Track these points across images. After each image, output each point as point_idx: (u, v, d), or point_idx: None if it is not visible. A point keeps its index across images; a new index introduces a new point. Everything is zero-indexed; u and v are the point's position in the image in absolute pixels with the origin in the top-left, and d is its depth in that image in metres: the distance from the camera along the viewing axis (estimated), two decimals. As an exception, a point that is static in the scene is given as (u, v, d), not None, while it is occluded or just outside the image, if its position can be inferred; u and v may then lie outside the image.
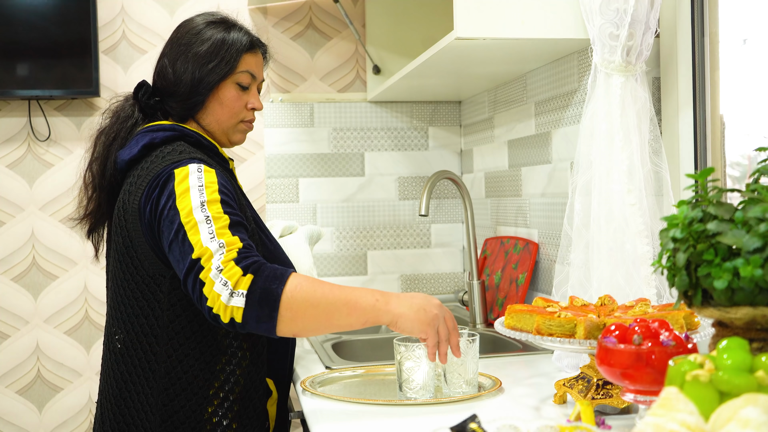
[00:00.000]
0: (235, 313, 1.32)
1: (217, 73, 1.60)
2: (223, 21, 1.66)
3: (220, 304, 1.33)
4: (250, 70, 1.66)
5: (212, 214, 1.41)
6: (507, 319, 1.37)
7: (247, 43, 1.65)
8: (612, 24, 1.55)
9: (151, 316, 1.50)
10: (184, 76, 1.60)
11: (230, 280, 1.33)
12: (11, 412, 2.63)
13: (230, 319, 1.33)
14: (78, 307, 2.66)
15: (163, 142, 1.56)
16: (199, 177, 1.46)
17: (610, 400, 1.28)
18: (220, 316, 1.33)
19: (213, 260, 1.35)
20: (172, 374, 1.49)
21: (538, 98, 2.16)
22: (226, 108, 1.63)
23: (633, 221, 1.53)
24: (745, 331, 1.00)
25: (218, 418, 1.50)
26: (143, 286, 1.51)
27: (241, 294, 1.32)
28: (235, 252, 1.36)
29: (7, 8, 2.50)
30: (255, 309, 1.32)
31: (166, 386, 1.49)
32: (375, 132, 2.82)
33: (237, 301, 1.32)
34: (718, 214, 1.00)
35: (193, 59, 1.60)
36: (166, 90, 1.63)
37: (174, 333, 1.49)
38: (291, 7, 2.78)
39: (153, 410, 1.49)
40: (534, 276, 2.18)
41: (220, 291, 1.33)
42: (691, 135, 1.67)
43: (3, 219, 2.62)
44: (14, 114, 2.63)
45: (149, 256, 1.50)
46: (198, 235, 1.38)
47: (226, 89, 1.63)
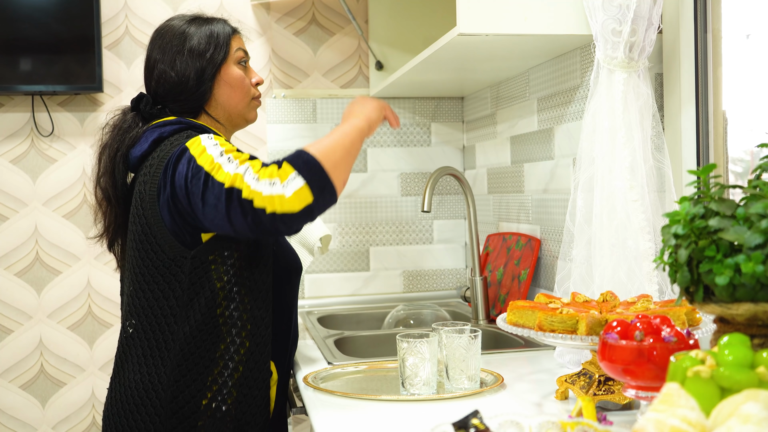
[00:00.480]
0: (301, 193, 1.38)
1: (216, 59, 1.67)
2: (198, 17, 1.73)
3: (282, 200, 1.37)
4: (242, 47, 1.73)
5: (232, 155, 1.46)
6: (509, 316, 1.37)
7: (229, 26, 1.73)
8: (615, 20, 1.55)
9: (171, 297, 1.53)
10: (188, 72, 1.64)
11: (272, 177, 1.39)
12: (15, 406, 2.64)
13: (303, 205, 1.38)
14: (81, 302, 2.67)
15: (171, 134, 1.59)
16: (210, 138, 1.51)
17: (611, 396, 1.28)
18: (288, 211, 1.37)
19: (245, 179, 1.40)
20: (185, 350, 1.51)
21: (541, 94, 2.16)
22: (237, 88, 1.69)
23: (635, 217, 1.53)
24: (747, 327, 1.01)
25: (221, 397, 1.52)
26: (163, 269, 1.54)
27: (293, 176, 1.39)
28: (259, 164, 1.43)
29: (10, 4, 2.50)
30: (315, 179, 1.40)
31: (179, 362, 1.51)
32: (378, 128, 2.81)
33: (295, 184, 1.38)
34: (720, 210, 1.00)
35: (190, 54, 1.65)
36: (171, 93, 1.66)
37: (192, 311, 1.51)
38: (294, 3, 2.78)
39: (164, 387, 1.51)
40: (536, 272, 2.18)
41: (272, 191, 1.38)
42: (693, 131, 1.66)
43: (6, 214, 2.63)
44: (18, 109, 2.63)
45: (168, 240, 1.53)
46: (223, 171, 1.43)
47: (230, 70, 1.69)
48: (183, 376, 1.51)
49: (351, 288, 2.79)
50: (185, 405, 1.50)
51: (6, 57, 2.52)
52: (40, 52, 2.54)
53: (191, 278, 1.51)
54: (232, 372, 1.53)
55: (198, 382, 1.51)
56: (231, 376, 1.53)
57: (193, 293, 1.52)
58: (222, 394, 1.52)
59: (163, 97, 1.67)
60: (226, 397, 1.52)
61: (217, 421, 1.51)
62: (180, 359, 1.51)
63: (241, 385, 1.54)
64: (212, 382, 1.52)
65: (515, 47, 1.90)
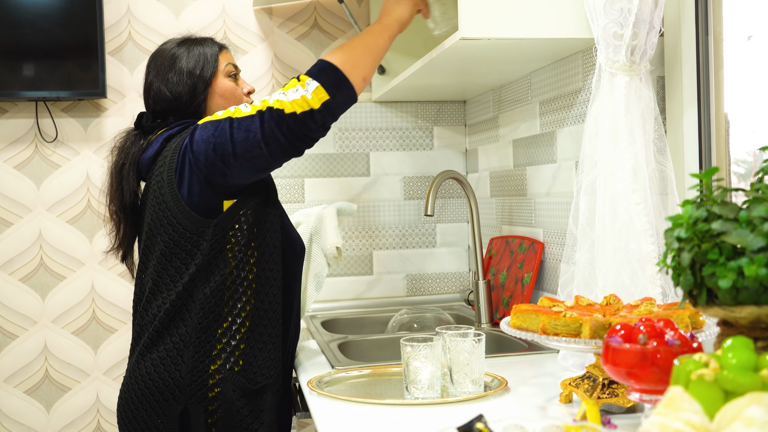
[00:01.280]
0: (319, 92, 1.60)
1: (206, 74, 1.81)
2: (187, 39, 1.87)
3: (304, 100, 1.59)
4: (231, 62, 1.87)
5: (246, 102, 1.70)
6: (512, 319, 1.37)
7: (218, 46, 1.87)
8: (616, 23, 1.55)
9: (192, 264, 1.66)
10: (180, 87, 1.79)
11: (294, 86, 1.62)
12: (19, 412, 2.64)
13: (321, 102, 1.60)
14: (85, 307, 2.68)
15: (180, 131, 1.74)
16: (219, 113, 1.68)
17: (615, 399, 1.28)
18: (309, 108, 1.59)
19: (272, 97, 1.62)
20: (205, 309, 1.65)
21: (543, 97, 2.16)
22: (229, 98, 1.83)
23: (638, 220, 1.53)
24: (750, 330, 1.01)
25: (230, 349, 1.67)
26: (185, 244, 1.67)
27: (309, 81, 1.61)
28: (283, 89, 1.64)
29: (13, 10, 2.51)
30: (327, 78, 1.62)
31: (200, 321, 1.65)
32: (380, 132, 2.82)
33: (311, 86, 1.60)
34: (723, 213, 1.00)
35: (181, 72, 1.80)
36: (167, 109, 1.80)
37: (211, 274, 1.66)
38: (296, 8, 2.79)
39: (187, 346, 1.65)
40: (539, 275, 2.18)
41: (297, 95, 1.60)
42: (695, 134, 1.67)
43: (11, 220, 2.64)
44: (21, 115, 2.64)
45: (189, 216, 1.66)
46: (242, 111, 1.63)
47: (221, 83, 1.83)
48: (203, 333, 1.65)
49: (354, 292, 2.79)
50: (204, 360, 1.65)
51: (9, 63, 2.53)
52: (44, 58, 2.55)
53: (212, 245, 1.66)
54: (240, 327, 1.66)
55: (213, 338, 1.65)
56: (238, 330, 1.66)
57: (212, 258, 1.66)
58: (231, 347, 1.66)
59: (162, 113, 1.81)
60: (234, 350, 1.66)
61: (228, 372, 1.64)
62: (201, 317, 1.65)
63: (248, 339, 1.67)
64: (221, 336, 1.66)
65: (517, 51, 1.91)
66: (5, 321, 2.63)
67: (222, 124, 1.61)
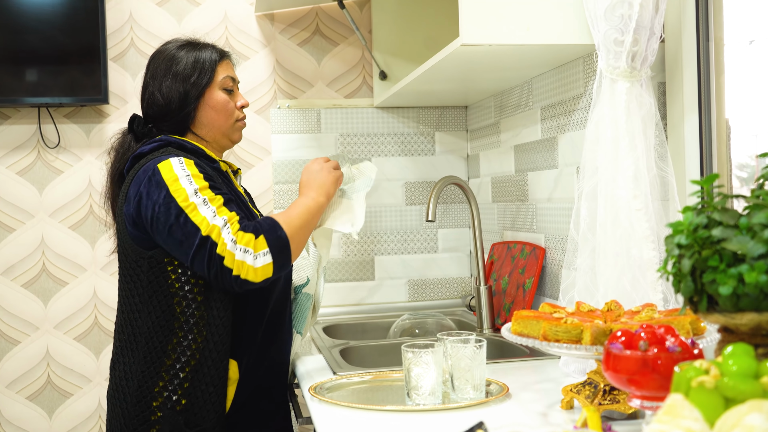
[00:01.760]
0: (266, 270, 1.56)
1: (200, 84, 1.77)
2: (189, 43, 1.84)
3: (249, 269, 1.55)
4: (229, 74, 1.83)
5: (207, 197, 1.60)
6: (514, 325, 1.37)
7: (217, 53, 1.83)
8: (617, 30, 1.56)
9: (137, 294, 1.67)
10: (172, 94, 1.77)
11: (248, 246, 1.56)
12: (22, 417, 2.64)
13: (264, 278, 1.57)
14: (87, 313, 2.68)
15: (150, 151, 1.71)
16: (182, 168, 1.63)
17: (617, 405, 1.28)
18: (250, 279, 1.55)
19: (223, 235, 1.56)
20: (149, 344, 1.64)
21: (544, 103, 2.17)
22: (220, 112, 1.80)
23: (639, 226, 1.53)
24: (751, 336, 1.01)
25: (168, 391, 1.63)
26: (130, 270, 1.69)
27: (265, 253, 1.57)
28: (237, 224, 1.58)
29: (17, 17, 2.52)
30: (280, 257, 1.59)
31: (144, 355, 1.64)
32: (382, 137, 2.83)
33: (264, 260, 1.56)
34: (723, 220, 1.00)
35: (175, 78, 1.77)
36: (159, 114, 1.79)
37: (152, 307, 1.65)
38: (298, 14, 2.79)
39: (132, 379, 1.65)
40: (541, 281, 2.18)
41: (244, 258, 1.55)
42: (696, 139, 1.67)
43: (13, 226, 2.64)
44: (24, 121, 2.65)
45: (130, 243, 1.68)
46: (201, 216, 1.58)
47: (215, 95, 1.79)
48: (147, 367, 1.64)
49: (356, 297, 2.80)
50: (147, 395, 1.63)
51: (13, 69, 2.54)
52: (47, 64, 2.55)
53: (149, 277, 1.65)
54: (184, 366, 1.63)
55: (158, 373, 1.63)
56: (182, 369, 1.63)
57: (151, 291, 1.65)
58: (174, 385, 1.62)
59: (153, 117, 1.80)
60: (177, 388, 1.62)
61: (168, 411, 1.62)
62: (145, 352, 1.64)
63: (193, 379, 1.63)
64: (165, 373, 1.63)
65: (518, 57, 1.91)
66: (7, 327, 2.63)
67: (172, 207, 1.58)
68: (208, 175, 1.65)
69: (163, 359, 1.63)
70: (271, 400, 1.82)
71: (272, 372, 1.81)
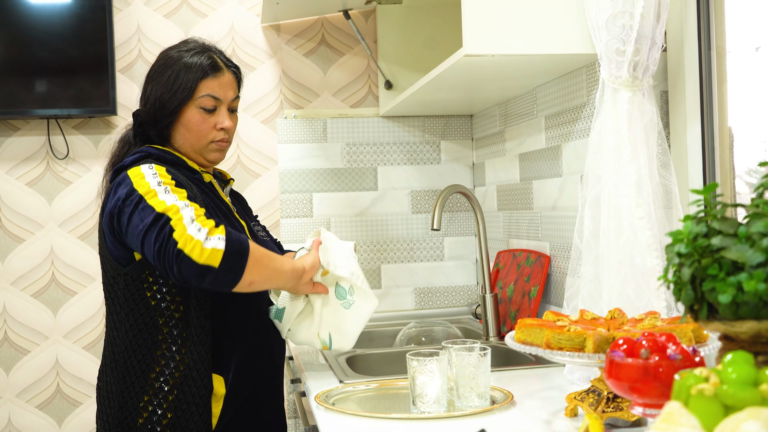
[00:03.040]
0: (214, 255, 1.44)
1: (176, 99, 1.70)
2: (189, 48, 1.75)
3: (195, 245, 1.44)
4: (212, 93, 1.72)
5: (170, 187, 1.55)
6: (517, 334, 1.38)
7: (207, 67, 1.72)
8: (618, 40, 1.57)
9: (115, 312, 1.66)
10: (152, 101, 1.72)
11: (205, 227, 1.46)
12: (31, 427, 2.66)
13: (205, 262, 1.44)
14: (96, 322, 2.70)
15: (132, 164, 1.67)
16: (150, 168, 1.60)
17: (620, 413, 1.29)
18: (193, 257, 1.43)
19: (183, 212, 1.48)
20: (128, 361, 1.63)
21: (548, 112, 2.18)
22: (192, 131, 1.72)
23: (642, 234, 1.54)
24: (751, 344, 1.01)
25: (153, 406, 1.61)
26: (108, 286, 1.68)
27: (219, 238, 1.46)
28: (202, 210, 1.52)
29: (25, 30, 2.55)
30: (232, 255, 1.47)
31: (123, 372, 1.63)
32: (388, 146, 2.84)
33: (216, 243, 1.45)
34: (722, 229, 1.01)
35: (158, 85, 1.72)
36: (144, 116, 1.76)
37: (129, 326, 1.63)
38: (303, 24, 2.82)
39: (113, 396, 1.64)
40: (546, 289, 2.19)
41: (195, 235, 1.45)
42: (699, 148, 1.68)
43: (23, 236, 2.67)
44: (33, 133, 2.68)
45: (108, 259, 1.66)
46: (158, 198, 1.51)
47: (189, 114, 1.72)
48: (127, 388, 1.62)
49: (363, 305, 2.80)
50: (129, 416, 1.62)
51: (22, 81, 2.57)
52: (55, 76, 2.58)
53: (125, 294, 1.63)
54: (168, 393, 1.60)
55: (139, 392, 1.61)
56: (168, 394, 1.60)
57: (128, 309, 1.63)
58: (156, 404, 1.60)
59: (141, 118, 1.77)
60: (161, 405, 1.60)
61: (153, 424, 1.60)
62: (124, 369, 1.63)
63: (176, 398, 1.60)
64: (148, 391, 1.61)
65: (521, 67, 1.92)
66: (17, 336, 2.66)
67: (134, 196, 1.54)
68: (180, 181, 1.60)
69: (147, 374, 1.61)
70: (263, 416, 1.77)
71: (263, 388, 1.76)
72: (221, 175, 1.91)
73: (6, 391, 2.65)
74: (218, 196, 1.76)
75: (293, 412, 2.70)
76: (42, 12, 2.56)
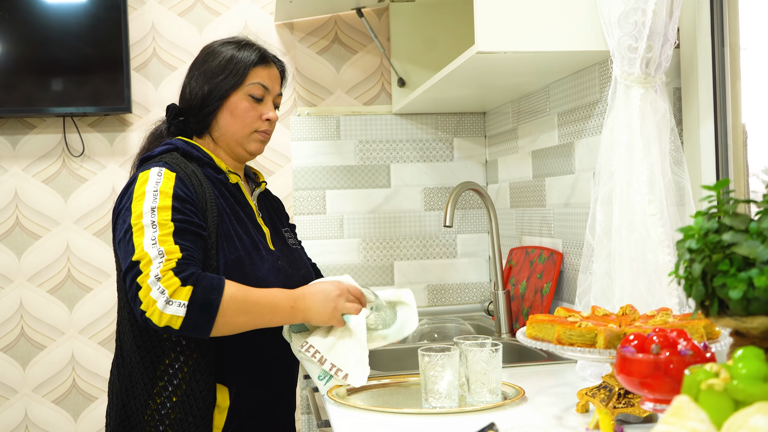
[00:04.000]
0: (173, 321, 1.43)
1: (227, 84, 1.70)
2: (237, 41, 1.76)
3: (155, 310, 1.43)
4: (262, 82, 1.72)
5: (159, 221, 1.51)
6: (528, 329, 1.39)
7: (256, 57, 1.73)
8: (630, 37, 1.57)
9: (123, 308, 1.65)
10: (197, 91, 1.71)
11: (168, 289, 1.44)
12: (48, 421, 2.69)
13: (165, 325, 1.44)
14: (111, 318, 2.72)
15: (160, 154, 1.66)
16: (157, 181, 1.56)
17: (632, 409, 1.29)
18: (153, 321, 1.44)
19: (152, 267, 1.46)
20: (132, 362, 1.61)
21: (561, 109, 2.18)
22: (238, 118, 1.71)
23: (654, 231, 1.54)
24: (762, 340, 1.02)
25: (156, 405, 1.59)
26: (120, 282, 1.66)
27: (180, 304, 1.44)
28: (173, 262, 1.47)
29: (42, 29, 2.58)
30: (194, 318, 1.44)
31: (129, 372, 1.62)
32: (400, 144, 2.85)
33: (176, 311, 1.43)
34: (733, 225, 1.01)
35: (205, 74, 1.71)
36: (185, 108, 1.74)
37: (132, 324, 1.61)
38: (317, 23, 2.83)
39: (117, 394, 1.64)
40: (558, 285, 2.19)
41: (156, 298, 1.44)
42: (712, 145, 1.67)
43: (39, 233, 2.69)
44: (50, 131, 2.70)
45: (117, 254, 1.62)
46: (141, 239, 1.49)
47: (237, 100, 1.71)
48: (131, 387, 1.61)
49: (376, 302, 2.81)
50: (131, 416, 1.61)
51: (39, 79, 2.59)
52: (71, 75, 2.61)
53: None
54: (171, 394, 1.58)
55: (142, 397, 1.60)
56: (170, 398, 1.58)
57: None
58: (160, 414, 1.58)
59: (181, 111, 1.76)
60: (164, 417, 1.58)
61: None
62: (129, 370, 1.62)
63: (180, 408, 1.58)
64: (152, 401, 1.59)
65: (533, 64, 1.92)
66: (34, 332, 2.69)
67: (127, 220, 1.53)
68: (184, 196, 1.56)
69: (152, 372, 1.58)
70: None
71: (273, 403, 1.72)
72: (255, 176, 1.88)
73: (23, 386, 2.68)
74: (242, 199, 1.73)
75: (306, 408, 2.71)
76: (58, 11, 2.58)
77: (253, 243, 1.68)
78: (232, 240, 1.64)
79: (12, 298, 2.67)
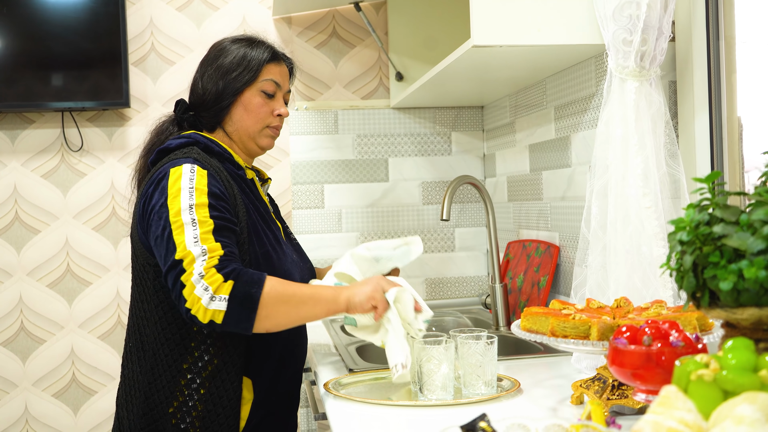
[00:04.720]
0: (216, 315, 1.45)
1: (240, 81, 1.73)
2: (248, 38, 1.79)
3: (200, 307, 1.45)
4: (274, 78, 1.77)
5: (198, 218, 1.52)
6: (523, 322, 1.40)
7: (269, 55, 1.77)
8: (625, 30, 1.57)
9: (145, 301, 1.64)
10: (211, 87, 1.73)
11: (211, 285, 1.45)
12: (48, 414, 2.71)
13: (210, 320, 1.45)
14: (111, 312, 2.73)
15: (177, 147, 1.67)
16: (191, 178, 1.57)
17: (625, 400, 1.30)
18: (198, 317, 1.45)
19: (195, 265, 1.47)
20: (157, 355, 1.60)
21: (558, 102, 2.18)
22: (251, 113, 1.74)
23: (649, 224, 1.55)
24: (752, 331, 1.02)
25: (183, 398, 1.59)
26: (138, 273, 1.66)
27: (222, 299, 1.45)
28: (216, 259, 1.48)
29: (41, 24, 2.58)
30: (236, 311, 1.45)
31: (152, 366, 1.61)
32: (398, 138, 2.86)
33: (218, 305, 1.45)
34: (724, 216, 1.02)
35: (218, 70, 1.73)
36: (197, 103, 1.76)
37: (159, 317, 1.61)
38: (315, 17, 2.83)
39: (139, 388, 1.62)
40: (555, 278, 2.20)
41: (201, 295, 1.45)
42: (707, 138, 1.68)
43: (38, 227, 2.70)
44: (48, 125, 2.71)
45: (139, 247, 1.64)
46: (183, 237, 1.50)
47: (251, 96, 1.74)
48: (155, 380, 1.60)
49: (374, 296, 2.82)
50: (155, 409, 1.59)
51: (38, 74, 2.60)
52: (70, 70, 2.61)
53: (155, 285, 1.61)
54: (199, 387, 1.59)
55: (166, 390, 1.60)
56: (197, 390, 1.59)
57: (158, 300, 1.61)
58: (188, 406, 1.59)
59: (193, 105, 1.77)
60: (191, 409, 1.59)
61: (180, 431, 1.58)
62: (153, 363, 1.61)
63: (207, 401, 1.59)
64: (179, 393, 1.59)
65: (530, 57, 1.93)
66: (33, 326, 2.70)
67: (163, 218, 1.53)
68: (218, 193, 1.58)
69: (177, 378, 1.59)
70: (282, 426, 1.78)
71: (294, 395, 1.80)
72: (259, 173, 1.90)
73: (23, 380, 2.69)
74: (258, 194, 1.76)
75: (304, 401, 2.72)
76: (57, 6, 2.59)
77: (275, 237, 1.73)
78: (259, 235, 1.67)
79: (11, 293, 2.69)
